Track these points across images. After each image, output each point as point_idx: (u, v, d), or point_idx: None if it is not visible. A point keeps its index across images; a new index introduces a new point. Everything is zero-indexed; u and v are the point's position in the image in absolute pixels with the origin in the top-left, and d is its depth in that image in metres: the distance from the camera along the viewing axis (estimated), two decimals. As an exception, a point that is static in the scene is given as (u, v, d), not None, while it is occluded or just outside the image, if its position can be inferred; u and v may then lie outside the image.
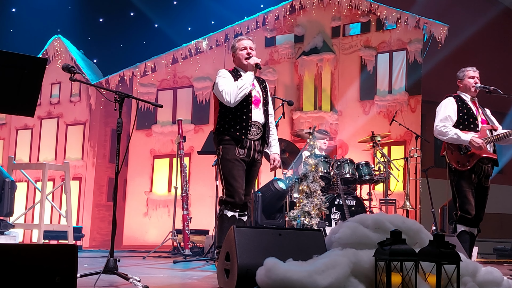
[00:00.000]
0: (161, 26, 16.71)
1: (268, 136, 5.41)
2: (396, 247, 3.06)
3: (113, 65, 14.93)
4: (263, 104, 5.41)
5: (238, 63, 5.45)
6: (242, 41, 5.44)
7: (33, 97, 3.58)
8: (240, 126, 5.18)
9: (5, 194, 6.49)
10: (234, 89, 5.12)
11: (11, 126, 15.64)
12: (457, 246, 3.62)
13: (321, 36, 12.50)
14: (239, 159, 5.18)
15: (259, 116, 5.32)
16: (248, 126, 5.20)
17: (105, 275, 3.87)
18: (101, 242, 13.97)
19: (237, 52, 5.43)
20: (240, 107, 5.21)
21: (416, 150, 8.84)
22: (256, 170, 5.39)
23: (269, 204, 8.15)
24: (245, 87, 5.15)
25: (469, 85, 5.99)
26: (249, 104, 5.24)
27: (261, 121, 5.33)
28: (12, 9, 16.50)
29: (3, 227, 6.35)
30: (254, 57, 5.31)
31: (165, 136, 13.74)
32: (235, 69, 5.47)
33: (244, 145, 5.18)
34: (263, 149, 5.37)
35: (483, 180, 5.84)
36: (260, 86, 5.49)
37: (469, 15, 12.74)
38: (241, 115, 5.21)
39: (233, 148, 5.17)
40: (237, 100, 5.13)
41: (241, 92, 5.13)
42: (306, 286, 3.12)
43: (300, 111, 12.30)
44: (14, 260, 2.53)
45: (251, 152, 5.22)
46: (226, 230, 5.31)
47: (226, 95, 5.12)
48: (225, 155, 5.18)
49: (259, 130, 5.30)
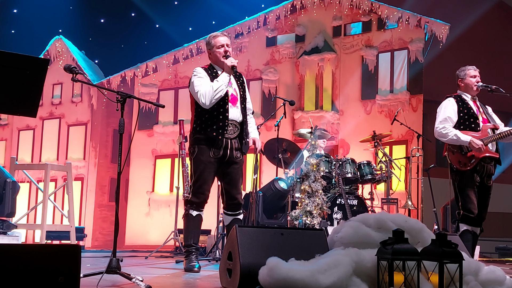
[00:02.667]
0: (162, 26, 16.74)
1: (246, 134, 5.40)
2: (398, 246, 3.06)
3: (115, 65, 14.98)
4: (241, 102, 5.38)
5: (215, 60, 5.41)
6: (219, 38, 5.38)
7: (35, 97, 3.58)
8: (217, 126, 5.18)
9: (7, 194, 6.50)
10: (209, 91, 5.09)
11: (13, 127, 15.66)
12: (460, 245, 3.62)
13: (322, 36, 12.51)
14: (212, 160, 5.21)
15: (236, 115, 5.30)
16: (225, 126, 5.20)
17: (108, 275, 3.88)
18: (103, 242, 13.99)
19: (213, 50, 5.37)
20: (217, 107, 5.20)
21: (417, 149, 8.83)
22: (238, 168, 5.36)
23: (270, 203, 8.15)
24: (221, 89, 5.13)
25: (471, 84, 5.97)
26: (225, 104, 5.23)
27: (238, 119, 5.32)
28: (14, 10, 16.53)
29: (6, 228, 6.37)
30: (231, 58, 5.26)
31: (167, 136, 13.75)
32: (211, 66, 5.44)
33: (220, 144, 5.19)
34: (241, 146, 5.35)
35: (485, 179, 5.83)
36: (238, 83, 5.45)
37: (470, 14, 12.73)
38: (218, 115, 5.20)
39: (208, 149, 5.19)
40: (213, 102, 5.13)
41: (216, 94, 5.11)
42: (308, 285, 3.12)
43: (301, 110, 12.31)
44: (18, 260, 2.54)
45: (227, 151, 5.23)
46: (192, 229, 5.36)
47: (202, 97, 5.11)
48: (199, 155, 5.21)
49: (236, 128, 5.30)
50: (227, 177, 5.33)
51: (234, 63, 5.23)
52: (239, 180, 5.42)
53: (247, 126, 5.44)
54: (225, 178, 5.35)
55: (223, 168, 5.30)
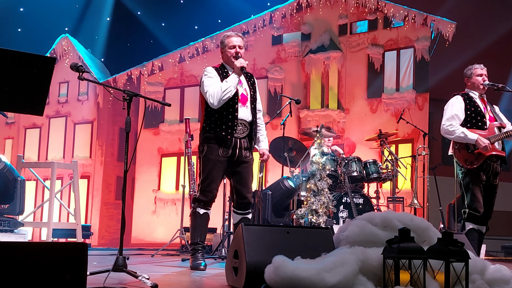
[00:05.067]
0: (168, 25, 16.73)
1: (255, 134, 5.43)
2: (404, 245, 3.06)
3: (121, 64, 14.99)
4: (251, 102, 5.42)
5: (226, 60, 5.44)
6: (231, 38, 5.41)
7: (42, 96, 3.59)
8: (226, 125, 5.22)
9: (17, 193, 6.53)
10: (218, 92, 5.13)
11: (20, 125, 15.71)
12: (466, 244, 3.61)
13: (328, 34, 12.49)
14: (221, 159, 5.24)
15: (245, 114, 5.34)
16: (234, 125, 5.24)
17: (114, 273, 3.89)
18: (109, 240, 14.02)
19: (225, 49, 5.41)
20: (226, 106, 5.24)
21: (423, 148, 8.82)
22: (247, 167, 5.39)
23: (278, 202, 8.15)
24: (229, 90, 5.17)
25: (478, 83, 5.96)
26: (235, 103, 5.26)
27: (247, 119, 5.36)
28: (20, 9, 16.56)
29: (13, 226, 6.40)
30: (241, 59, 5.28)
31: (173, 134, 13.77)
32: (222, 65, 5.47)
33: (229, 144, 5.22)
34: (251, 146, 5.38)
35: (491, 178, 5.83)
36: (248, 83, 5.49)
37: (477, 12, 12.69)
38: (227, 114, 5.24)
39: (217, 148, 5.23)
40: (221, 102, 5.17)
41: (225, 95, 5.15)
42: (314, 283, 3.13)
43: (307, 109, 12.30)
44: (25, 258, 2.55)
45: (236, 150, 5.26)
46: (198, 226, 5.38)
47: (210, 97, 5.16)
48: (209, 154, 5.24)
49: (246, 128, 5.33)
50: (237, 175, 5.36)
51: (244, 64, 5.25)
52: (249, 179, 5.44)
53: (256, 126, 5.47)
54: (235, 176, 5.37)
55: (232, 167, 5.33)
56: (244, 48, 5.46)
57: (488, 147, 5.67)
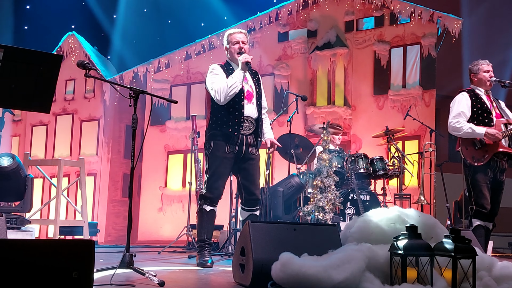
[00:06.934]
0: (174, 22, 16.74)
1: (261, 131, 5.45)
2: (411, 241, 3.06)
3: (127, 61, 15.00)
4: (256, 99, 5.44)
5: (231, 56, 5.47)
6: (235, 35, 5.44)
7: (48, 93, 3.60)
8: (233, 122, 5.24)
9: (28, 190, 6.55)
10: (224, 88, 5.16)
11: (27, 123, 15.76)
12: (473, 240, 3.61)
13: (335, 31, 12.46)
14: (228, 156, 5.25)
15: (251, 111, 5.36)
16: (241, 122, 5.26)
17: (121, 270, 3.90)
18: (116, 238, 14.06)
19: (230, 46, 5.45)
20: (232, 103, 5.26)
21: (430, 144, 8.80)
22: (254, 163, 5.40)
23: (289, 199, 8.13)
24: (235, 86, 5.19)
25: (484, 79, 5.94)
26: (241, 100, 5.28)
27: (253, 116, 5.38)
28: (27, 6, 16.59)
29: (20, 223, 6.41)
30: (245, 55, 5.31)
31: (179, 131, 13.78)
32: (227, 62, 5.49)
33: (236, 140, 5.23)
34: (257, 142, 5.40)
35: (498, 175, 5.80)
36: (253, 80, 5.50)
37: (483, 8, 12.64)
38: (233, 111, 5.26)
39: (224, 145, 5.25)
40: (227, 99, 5.20)
41: (231, 91, 5.18)
42: (321, 280, 3.13)
43: (313, 106, 12.28)
44: (32, 255, 2.55)
45: (242, 147, 5.29)
46: (205, 223, 5.39)
47: (216, 94, 5.19)
48: (215, 151, 5.27)
49: (252, 125, 5.35)
50: (244, 172, 5.37)
51: (248, 59, 5.26)
52: (257, 175, 5.45)
53: (262, 123, 5.47)
54: (242, 173, 5.38)
55: (239, 164, 5.35)
56: (248, 44, 5.47)
57: (499, 136, 5.65)
